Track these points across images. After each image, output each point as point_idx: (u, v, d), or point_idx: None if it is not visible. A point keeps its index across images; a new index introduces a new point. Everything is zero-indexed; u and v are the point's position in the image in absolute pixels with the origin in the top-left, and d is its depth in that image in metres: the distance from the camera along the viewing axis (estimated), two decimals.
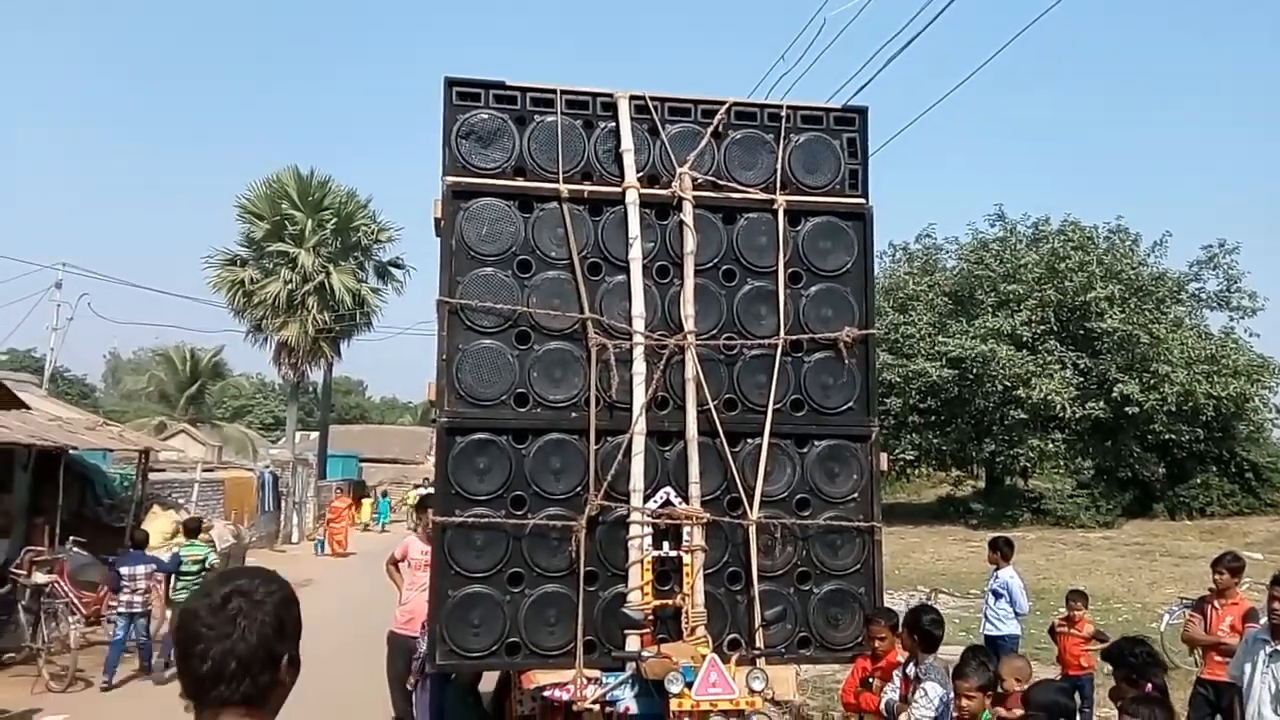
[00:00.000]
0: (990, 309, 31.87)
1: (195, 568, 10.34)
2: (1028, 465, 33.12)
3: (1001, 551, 9.40)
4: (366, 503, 34.88)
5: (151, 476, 17.76)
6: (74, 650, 9.72)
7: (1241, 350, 31.00)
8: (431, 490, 6.32)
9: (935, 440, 33.32)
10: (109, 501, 16.46)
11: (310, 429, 43.57)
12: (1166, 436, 30.41)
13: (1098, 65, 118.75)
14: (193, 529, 11.31)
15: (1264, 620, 5.52)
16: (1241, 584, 12.24)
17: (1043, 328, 31.40)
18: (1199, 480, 31.02)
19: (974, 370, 30.40)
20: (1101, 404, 30.19)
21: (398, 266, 35.41)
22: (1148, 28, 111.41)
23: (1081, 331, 31.73)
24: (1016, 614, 9.22)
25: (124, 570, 10.19)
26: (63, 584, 10.59)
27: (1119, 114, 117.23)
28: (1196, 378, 29.22)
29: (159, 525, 15.09)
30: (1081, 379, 31.03)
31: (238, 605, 1.74)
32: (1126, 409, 29.70)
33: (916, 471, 40.81)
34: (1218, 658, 6.76)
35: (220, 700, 1.71)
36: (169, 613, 10.42)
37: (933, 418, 33.25)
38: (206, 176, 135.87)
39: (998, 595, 9.22)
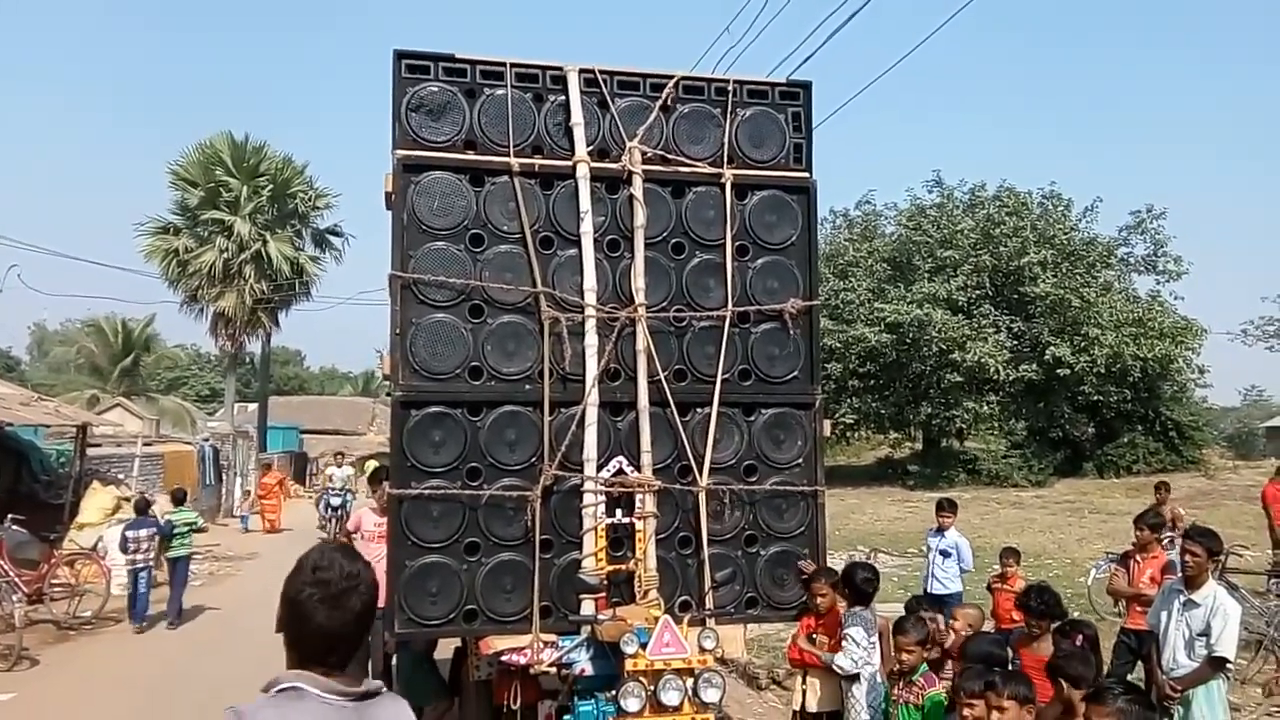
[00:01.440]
0: (927, 274, 32.49)
1: (185, 529, 12.10)
2: (963, 427, 33.97)
3: (949, 512, 9.69)
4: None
5: (89, 452, 17.41)
6: (19, 629, 9.59)
7: (1167, 313, 32.05)
8: (386, 463, 6.37)
9: (874, 404, 34.00)
10: (46, 478, 16.09)
11: (249, 400, 42.89)
12: (1096, 397, 31.43)
13: (1042, 24, 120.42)
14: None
15: (1179, 573, 5.85)
16: (1163, 539, 12.82)
17: (978, 292, 32.14)
18: (1126, 439, 32.14)
19: (911, 335, 31.04)
20: (1034, 367, 31.07)
21: (336, 234, 34.90)
22: None
23: (1015, 296, 32.52)
24: (962, 571, 9.53)
25: (129, 534, 11.54)
26: (3, 562, 10.42)
27: (1056, 78, 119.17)
28: (1124, 340, 30.19)
29: (99, 501, 14.84)
30: (1015, 342, 31.87)
31: (347, 581, 2.18)
32: (1058, 371, 30.61)
33: (856, 435, 41.61)
34: (1139, 608, 7.12)
35: (335, 661, 2.18)
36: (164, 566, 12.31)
37: (872, 382, 33.89)
38: (140, 143, 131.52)
39: (946, 554, 9.48)
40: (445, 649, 7.22)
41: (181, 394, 55.47)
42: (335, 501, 19.52)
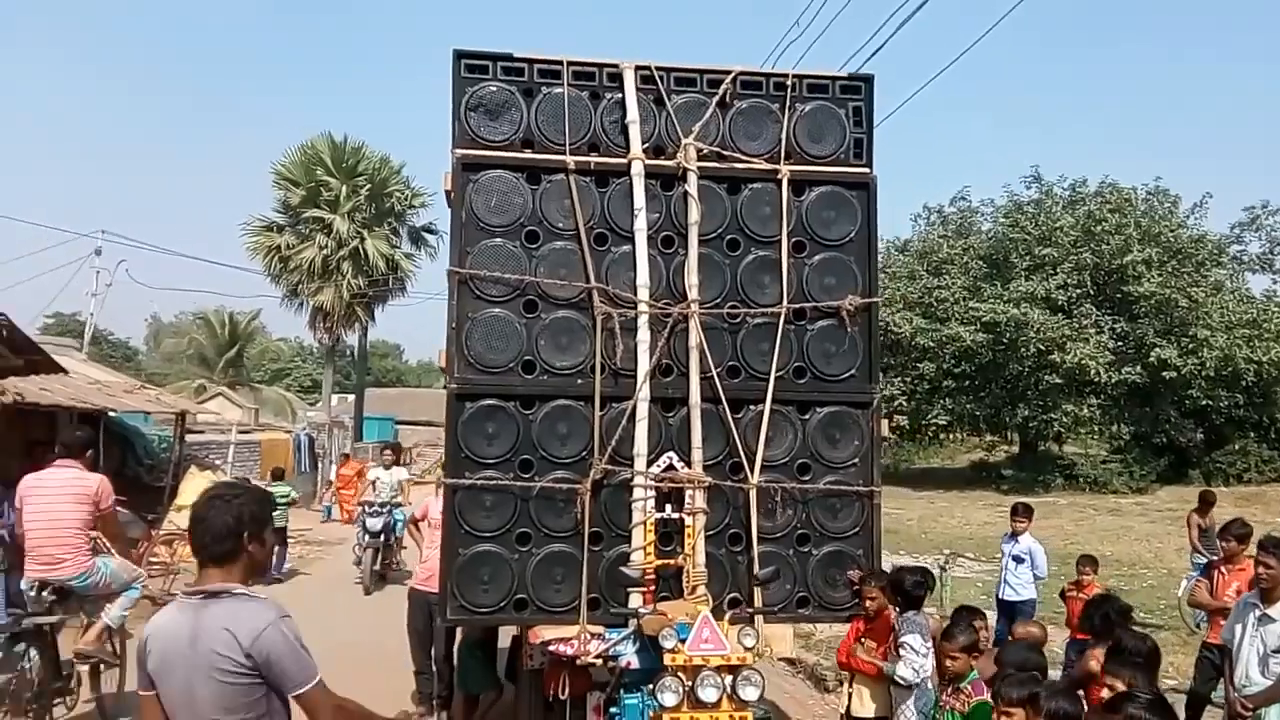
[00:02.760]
0: (1025, 273, 31.54)
1: (284, 501, 13.52)
2: (1062, 430, 32.92)
3: (1025, 517, 9.44)
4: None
5: (189, 438, 18.23)
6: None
7: None
8: None
9: (969, 405, 33.19)
10: (149, 462, 16.93)
11: (348, 392, 44.16)
12: (1204, 402, 30.08)
13: (1139, 22, 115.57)
14: (278, 474, 15.70)
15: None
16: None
17: (1078, 291, 31.05)
18: (1236, 446, 30.72)
19: (1008, 335, 30.19)
20: (1138, 369, 29.88)
21: (431, 232, 35.62)
22: None
23: (1118, 295, 31.33)
24: (1036, 578, 9.28)
25: None
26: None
27: (1161, 71, 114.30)
28: (1236, 342, 28.82)
29: (195, 485, 15.48)
30: (1118, 343, 30.71)
31: (214, 504, 2.90)
32: (1164, 374, 29.38)
33: (950, 436, 40.72)
34: (1223, 622, 6.81)
35: (203, 559, 2.88)
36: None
37: (966, 382, 33.10)
38: (242, 144, 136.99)
39: (1019, 560, 9.26)
40: (505, 638, 7.37)
41: (285, 385, 57.48)
42: (375, 525, 13.18)
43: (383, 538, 13.38)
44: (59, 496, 6.51)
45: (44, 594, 6.44)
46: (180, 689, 2.78)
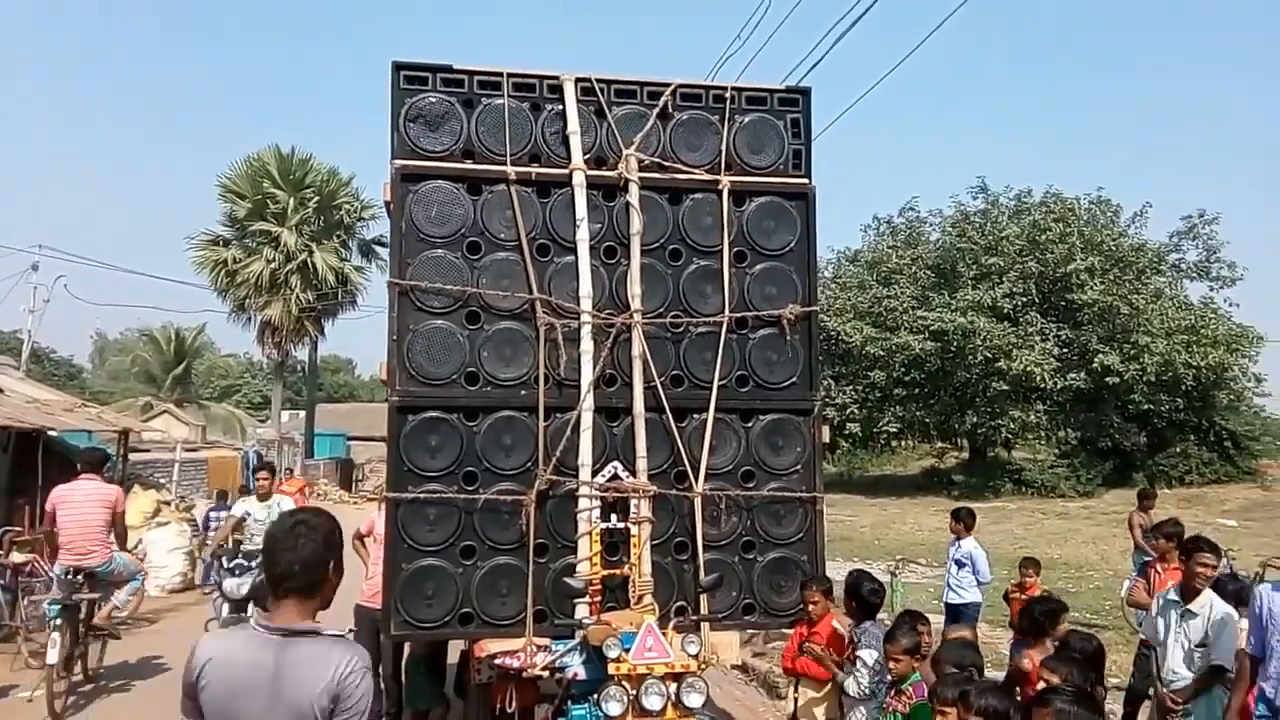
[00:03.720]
0: (972, 281, 32.10)
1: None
2: (1010, 436, 33.50)
3: (964, 522, 9.59)
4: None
5: (133, 456, 17.85)
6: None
7: (1221, 320, 31.31)
8: None
9: (919, 413, 33.67)
10: None
11: (300, 408, 43.58)
12: (1146, 406, 30.78)
13: (1078, 31, 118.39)
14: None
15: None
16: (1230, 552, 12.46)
17: (1024, 300, 31.68)
18: (1178, 449, 31.43)
19: (956, 343, 30.68)
20: (1082, 375, 30.53)
21: (381, 244, 35.26)
22: None
23: (1063, 303, 32.02)
24: (980, 582, 9.42)
25: (212, 515, 12.71)
26: (42, 563, 10.71)
27: (1101, 81, 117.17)
28: (1176, 348, 29.55)
29: (139, 504, 15.18)
30: (1063, 350, 31.35)
31: (300, 529, 2.65)
32: (1107, 379, 30.05)
33: (900, 444, 41.23)
34: None
35: (286, 590, 2.62)
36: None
37: (916, 390, 33.56)
38: (185, 158, 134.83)
39: (960, 565, 9.40)
40: (455, 653, 7.30)
41: (234, 401, 56.53)
42: (236, 589, 8.72)
43: (250, 608, 8.64)
44: (86, 502, 8.49)
45: (76, 578, 8.39)
46: None
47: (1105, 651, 4.81)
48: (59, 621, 7.98)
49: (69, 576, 8.33)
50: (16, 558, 10.71)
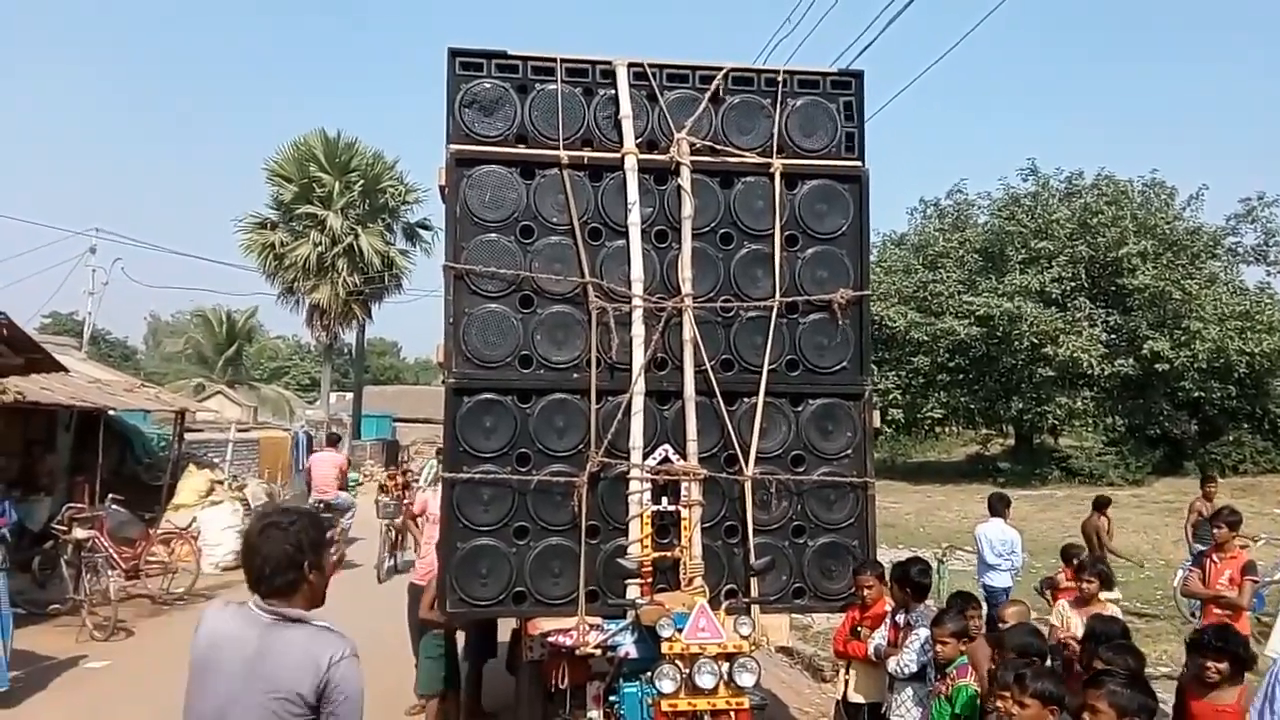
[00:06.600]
0: (1020, 266, 31.56)
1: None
2: (1056, 423, 32.94)
3: (993, 507, 9.66)
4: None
5: (188, 436, 18.25)
6: (114, 602, 10.14)
7: (1277, 306, 30.49)
8: None
9: (963, 398, 33.27)
10: (147, 460, 16.95)
11: (347, 390, 44.19)
12: (1197, 394, 30.12)
13: (1137, 19, 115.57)
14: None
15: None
16: (1259, 539, 12.24)
17: (1073, 284, 31.09)
18: (1231, 437, 30.76)
19: (1002, 328, 30.23)
20: (1131, 361, 29.94)
21: (425, 228, 35.52)
22: None
23: (1113, 288, 31.39)
24: (1013, 566, 9.48)
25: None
26: (103, 540, 11.00)
27: (1156, 65, 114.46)
28: (1229, 334, 28.83)
29: (194, 483, 15.55)
30: (1111, 336, 30.78)
31: (269, 531, 2.66)
32: (1156, 366, 29.43)
33: (945, 430, 40.80)
34: (1216, 610, 6.87)
35: (263, 592, 2.66)
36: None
37: (961, 376, 33.14)
38: (235, 141, 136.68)
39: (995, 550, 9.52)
40: (504, 630, 7.42)
41: (283, 383, 57.45)
42: None
43: None
44: (327, 463, 15.03)
45: (320, 505, 13.77)
46: (217, 703, 2.60)
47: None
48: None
49: (319, 506, 12.93)
50: (79, 534, 11.02)
